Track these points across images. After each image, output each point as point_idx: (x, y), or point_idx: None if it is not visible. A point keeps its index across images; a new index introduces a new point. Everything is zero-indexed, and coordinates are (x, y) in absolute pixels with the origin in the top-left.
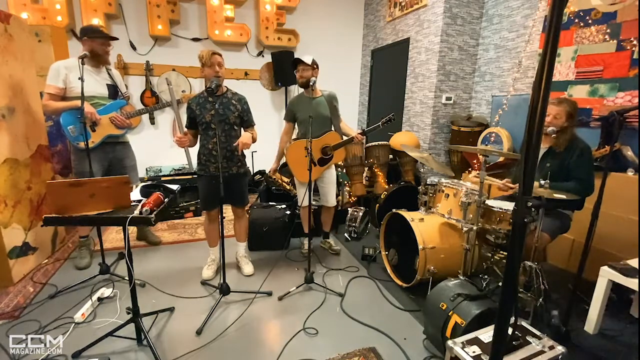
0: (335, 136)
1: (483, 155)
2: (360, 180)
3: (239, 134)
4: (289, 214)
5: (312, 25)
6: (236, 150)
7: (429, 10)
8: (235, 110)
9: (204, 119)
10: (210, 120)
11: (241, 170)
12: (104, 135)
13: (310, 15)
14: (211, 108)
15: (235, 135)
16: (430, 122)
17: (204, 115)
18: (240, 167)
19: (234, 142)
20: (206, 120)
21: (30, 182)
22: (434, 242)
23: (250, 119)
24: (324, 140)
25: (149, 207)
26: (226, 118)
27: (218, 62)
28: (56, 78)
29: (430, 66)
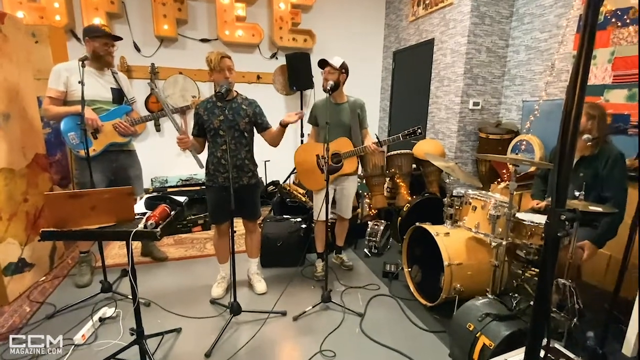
0: (346, 143)
1: (513, 165)
2: (381, 191)
3: (250, 142)
4: (304, 227)
5: (329, 24)
6: (247, 159)
7: (455, 8)
8: (246, 116)
9: (212, 125)
10: (219, 126)
11: (252, 181)
12: (106, 143)
13: (327, 14)
14: (220, 113)
15: (246, 144)
16: (457, 129)
17: (212, 121)
18: (251, 177)
19: (245, 150)
20: (215, 127)
21: (27, 193)
22: (460, 258)
23: (266, 121)
24: (335, 146)
25: (154, 220)
26: (236, 124)
27: (228, 66)
28: (57, 81)
29: (456, 69)
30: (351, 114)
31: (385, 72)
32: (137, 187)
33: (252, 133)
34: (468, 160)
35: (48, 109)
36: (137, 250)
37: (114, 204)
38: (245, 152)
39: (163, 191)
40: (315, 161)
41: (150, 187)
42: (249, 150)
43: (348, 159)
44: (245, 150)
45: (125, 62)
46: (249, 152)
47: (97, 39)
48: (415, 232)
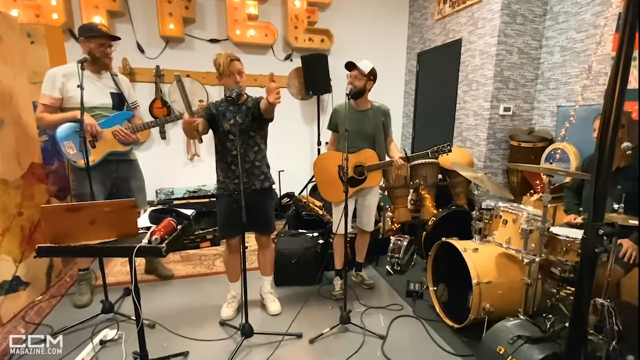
0: (372, 155)
1: (547, 175)
2: (405, 204)
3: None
4: (321, 243)
5: (348, 23)
6: (257, 160)
7: (484, 6)
8: (250, 114)
9: (222, 128)
10: (229, 130)
11: (266, 184)
12: (105, 152)
13: (346, 12)
14: (230, 117)
15: (254, 144)
16: (486, 136)
17: (222, 123)
18: (264, 180)
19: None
20: (225, 130)
21: (22, 206)
22: (490, 275)
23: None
24: (359, 158)
25: (159, 235)
26: (244, 127)
27: (238, 70)
28: (52, 86)
29: (485, 72)
30: (375, 122)
31: (409, 75)
32: (139, 199)
33: (260, 131)
34: (498, 170)
35: (42, 117)
36: (141, 268)
37: (115, 218)
38: (254, 153)
39: (169, 204)
40: (336, 171)
41: (155, 200)
42: (258, 150)
43: (372, 172)
44: (254, 152)
45: (128, 64)
46: (259, 152)
47: (93, 39)
48: (441, 248)
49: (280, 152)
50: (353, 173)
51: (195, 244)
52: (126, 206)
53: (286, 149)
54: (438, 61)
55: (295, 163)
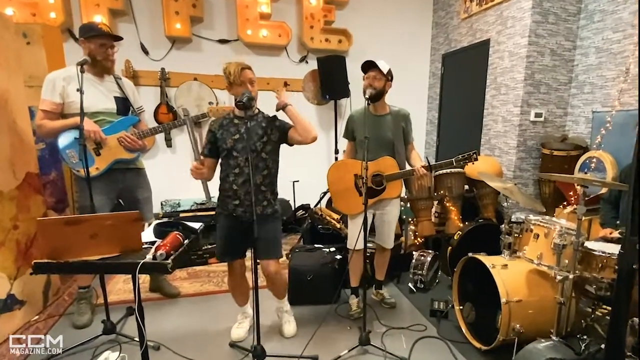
0: (392, 163)
1: (581, 186)
2: (428, 216)
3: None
4: (339, 258)
5: (368, 23)
6: (264, 185)
7: (513, 4)
8: (264, 134)
9: (226, 145)
10: (232, 146)
11: (268, 211)
12: (111, 160)
13: (365, 11)
14: (235, 132)
15: (264, 167)
16: (516, 144)
17: (226, 139)
18: (266, 206)
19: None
20: (228, 146)
21: (17, 219)
22: (520, 294)
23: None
24: (377, 166)
25: (164, 250)
26: (252, 144)
27: (249, 79)
28: (52, 91)
29: (515, 75)
30: (394, 128)
31: (433, 79)
32: (146, 211)
33: (272, 155)
34: (529, 180)
35: (42, 124)
36: (145, 285)
37: (118, 232)
38: (262, 177)
39: (175, 216)
40: (352, 181)
41: (160, 212)
42: (267, 175)
43: (392, 182)
44: (262, 175)
45: (131, 66)
46: (267, 177)
47: (93, 40)
48: (468, 264)
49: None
50: (371, 183)
51: (203, 259)
52: (129, 219)
53: (301, 158)
54: (464, 63)
55: (311, 173)
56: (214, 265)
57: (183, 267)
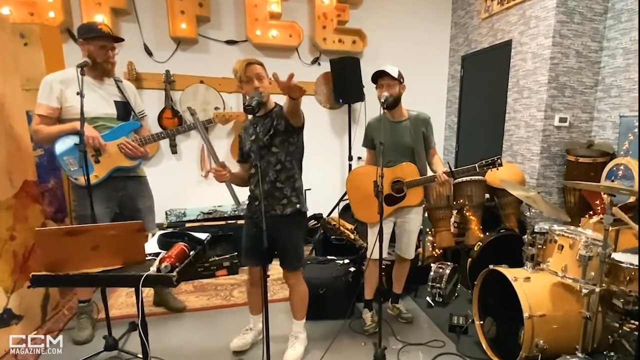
0: (412, 170)
1: (608, 195)
2: (447, 226)
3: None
4: (353, 271)
5: (383, 23)
6: (279, 181)
7: (537, 3)
8: (270, 127)
9: (246, 148)
10: (250, 148)
11: (288, 210)
12: (110, 167)
13: (380, 10)
14: (252, 133)
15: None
16: (539, 150)
17: (245, 142)
18: (286, 205)
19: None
20: (247, 149)
21: (14, 229)
22: (543, 308)
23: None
24: (397, 173)
25: (169, 262)
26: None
27: (256, 74)
28: (48, 95)
29: (538, 77)
30: (414, 133)
31: (452, 81)
32: (148, 221)
33: (284, 146)
34: (553, 188)
35: (38, 129)
36: (149, 299)
37: (120, 243)
38: (276, 172)
39: (180, 227)
40: (372, 188)
41: (164, 222)
42: (281, 169)
43: (412, 188)
44: (275, 170)
45: (134, 68)
46: (281, 172)
47: (93, 41)
48: (489, 276)
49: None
50: (391, 190)
51: (210, 272)
52: (132, 229)
53: (313, 165)
54: (485, 65)
55: (323, 181)
56: (222, 278)
57: (189, 280)
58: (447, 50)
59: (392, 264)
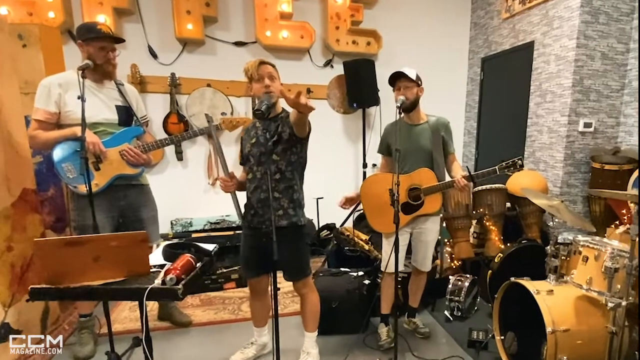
0: (429, 175)
1: (635, 204)
2: (466, 237)
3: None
4: (367, 284)
5: (399, 23)
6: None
7: (560, 3)
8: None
9: (245, 151)
10: (249, 151)
11: (282, 223)
12: (112, 175)
13: (396, 10)
14: (253, 136)
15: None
16: (563, 157)
17: (245, 145)
18: (282, 217)
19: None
20: (245, 152)
21: (12, 239)
22: (567, 322)
23: None
24: (414, 179)
25: (174, 274)
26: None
27: (268, 73)
28: (46, 99)
29: (562, 80)
30: (433, 137)
31: (471, 85)
32: (151, 231)
33: (286, 155)
34: (577, 197)
35: (35, 135)
36: (154, 313)
37: (123, 254)
38: (275, 182)
39: (186, 237)
40: (388, 196)
41: (169, 232)
42: (280, 179)
43: (430, 195)
44: (274, 180)
45: (138, 71)
46: (280, 181)
47: (92, 42)
48: (510, 289)
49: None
50: (407, 197)
51: (217, 285)
52: (136, 240)
53: (325, 173)
54: (506, 68)
55: (337, 189)
56: (230, 291)
57: (195, 293)
58: (466, 52)
59: (408, 277)
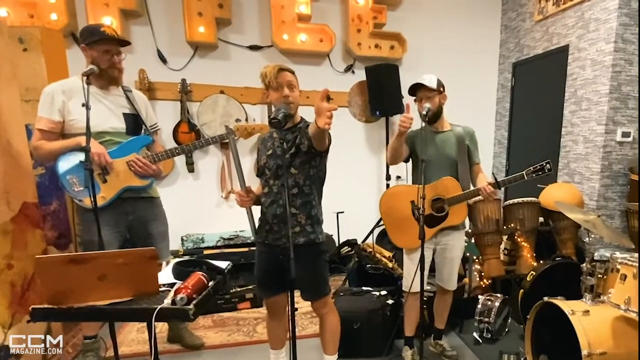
0: (454, 185)
1: None
2: (496, 254)
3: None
4: (391, 303)
5: (424, 26)
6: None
7: (597, 4)
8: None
9: (261, 162)
10: (265, 163)
11: (301, 240)
12: (119, 187)
13: (421, 12)
14: (270, 147)
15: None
16: (599, 169)
17: (261, 156)
18: (298, 234)
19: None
20: (261, 164)
21: (12, 257)
22: (604, 345)
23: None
24: (437, 189)
25: (185, 294)
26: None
27: (288, 82)
28: (49, 107)
29: (599, 87)
30: (458, 146)
31: (501, 91)
32: (161, 248)
33: (304, 168)
34: (615, 211)
35: (39, 146)
36: (163, 335)
37: (130, 272)
38: (292, 196)
39: (198, 254)
40: (409, 209)
41: (180, 249)
42: (298, 194)
43: (455, 206)
44: (292, 194)
45: (146, 77)
46: (297, 196)
47: (95, 45)
48: (543, 310)
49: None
50: (431, 209)
51: (231, 305)
52: (144, 257)
53: (346, 185)
54: (539, 73)
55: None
56: (244, 312)
57: (207, 313)
58: (496, 57)
59: (432, 297)
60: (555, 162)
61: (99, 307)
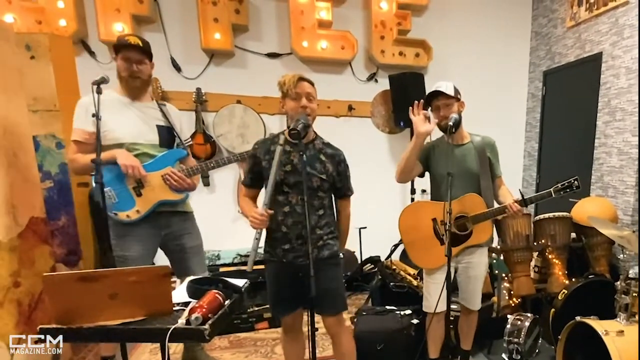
0: (478, 202)
1: None
2: (527, 271)
3: (326, 204)
4: (416, 323)
5: (451, 33)
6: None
7: (631, 10)
8: (324, 172)
9: (279, 177)
10: (282, 179)
11: (324, 253)
12: (154, 201)
13: (448, 18)
14: (287, 162)
15: (320, 205)
16: (634, 182)
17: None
18: (322, 248)
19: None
20: (280, 179)
21: (19, 274)
22: None
23: (347, 185)
24: (461, 206)
25: (200, 313)
26: (308, 179)
27: (307, 93)
28: (85, 119)
29: (634, 96)
30: (479, 159)
31: (532, 101)
32: (195, 263)
33: (331, 191)
34: None
35: (74, 159)
36: (177, 356)
37: (143, 290)
38: (317, 217)
39: (214, 271)
40: (430, 227)
41: None
42: (323, 215)
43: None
44: (318, 215)
45: (159, 86)
46: (323, 217)
47: (119, 53)
48: (575, 330)
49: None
50: (453, 227)
51: (248, 324)
52: (157, 274)
53: (369, 199)
54: (571, 82)
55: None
56: (262, 332)
57: (224, 333)
58: (526, 65)
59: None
60: (588, 175)
61: (109, 327)
